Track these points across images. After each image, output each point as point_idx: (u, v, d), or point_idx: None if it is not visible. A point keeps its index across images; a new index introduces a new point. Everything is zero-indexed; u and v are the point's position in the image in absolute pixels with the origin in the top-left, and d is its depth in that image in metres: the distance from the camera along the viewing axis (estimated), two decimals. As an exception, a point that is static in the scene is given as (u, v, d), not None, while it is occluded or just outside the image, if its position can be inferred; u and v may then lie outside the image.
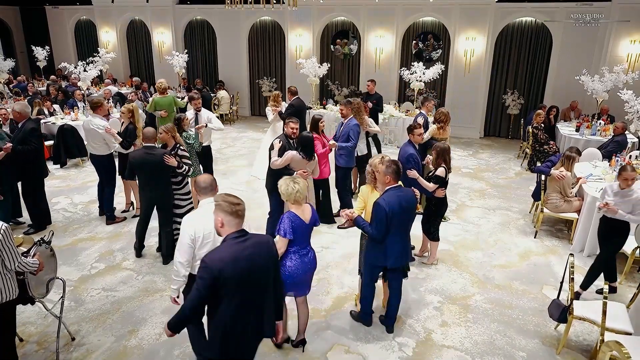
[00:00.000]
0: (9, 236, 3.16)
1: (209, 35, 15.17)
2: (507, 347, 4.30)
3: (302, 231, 3.80)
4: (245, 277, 2.74)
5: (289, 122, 5.72)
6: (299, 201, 3.78)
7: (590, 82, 9.77)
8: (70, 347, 4.19)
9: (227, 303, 2.74)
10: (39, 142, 6.13)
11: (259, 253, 2.83)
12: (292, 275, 3.79)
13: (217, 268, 2.64)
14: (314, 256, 3.98)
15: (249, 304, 2.83)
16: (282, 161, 5.46)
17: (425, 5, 11.89)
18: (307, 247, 3.91)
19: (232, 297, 2.74)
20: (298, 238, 3.78)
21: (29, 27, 18.37)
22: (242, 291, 2.76)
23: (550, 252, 6.15)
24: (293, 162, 5.46)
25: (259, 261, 2.81)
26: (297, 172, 5.39)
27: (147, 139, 5.41)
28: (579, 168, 6.99)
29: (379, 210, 3.93)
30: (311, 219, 3.88)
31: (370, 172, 4.45)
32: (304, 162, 5.49)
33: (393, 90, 12.84)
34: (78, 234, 6.43)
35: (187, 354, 4.13)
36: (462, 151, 11.06)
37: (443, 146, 5.37)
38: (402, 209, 4.00)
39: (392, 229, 3.99)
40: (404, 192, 4.12)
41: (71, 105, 10.49)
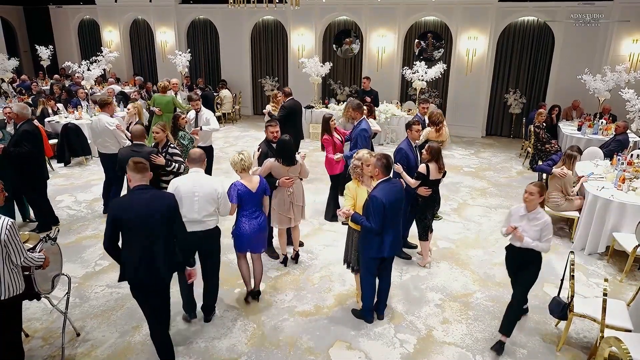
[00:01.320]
0: (15, 231, 3.22)
1: (212, 35, 15.22)
2: (508, 343, 4.32)
3: (249, 198, 4.46)
4: (138, 222, 3.41)
5: (269, 126, 5.33)
6: (245, 170, 4.45)
7: (592, 81, 9.80)
8: (75, 342, 4.24)
9: (125, 239, 3.49)
10: (33, 145, 5.89)
11: (154, 205, 3.47)
12: (244, 234, 4.53)
13: (115, 211, 3.44)
14: (265, 219, 4.66)
15: (142, 243, 3.46)
16: (261, 171, 5.04)
17: (427, 5, 11.92)
18: (256, 212, 4.57)
19: (128, 235, 3.47)
20: (245, 204, 4.48)
21: (32, 26, 18.46)
22: (136, 232, 3.44)
23: (551, 250, 6.11)
24: (273, 170, 5.10)
25: (151, 211, 3.44)
26: (279, 180, 5.10)
27: (135, 137, 5.41)
28: (580, 167, 7.01)
29: (377, 204, 4.04)
30: (259, 188, 4.53)
31: (358, 166, 4.40)
32: (284, 168, 5.09)
33: (395, 89, 12.88)
34: (82, 231, 6.49)
35: (191, 348, 4.19)
36: (463, 150, 11.09)
37: (435, 146, 5.32)
38: (395, 200, 4.18)
39: (387, 220, 4.12)
40: (394, 184, 4.27)
41: (75, 104, 10.54)
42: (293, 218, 5.36)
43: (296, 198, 5.32)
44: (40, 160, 6.30)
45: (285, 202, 5.25)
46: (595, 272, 5.62)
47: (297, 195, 5.33)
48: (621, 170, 6.47)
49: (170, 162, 5.34)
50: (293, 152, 5.22)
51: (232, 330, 4.45)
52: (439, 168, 5.33)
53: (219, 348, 4.21)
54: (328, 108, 11.78)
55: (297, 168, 5.24)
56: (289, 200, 5.25)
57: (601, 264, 5.83)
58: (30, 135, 5.91)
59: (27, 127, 5.95)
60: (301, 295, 5.05)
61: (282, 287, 5.18)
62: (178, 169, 5.34)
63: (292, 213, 5.31)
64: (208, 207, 4.15)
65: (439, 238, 6.40)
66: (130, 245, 3.47)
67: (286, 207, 5.26)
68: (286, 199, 5.24)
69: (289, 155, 5.12)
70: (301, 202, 5.42)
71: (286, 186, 5.17)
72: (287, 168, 5.14)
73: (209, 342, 4.29)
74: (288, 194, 5.23)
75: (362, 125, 6.45)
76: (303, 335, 4.40)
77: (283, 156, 5.10)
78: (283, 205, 5.25)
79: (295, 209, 5.33)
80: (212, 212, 4.19)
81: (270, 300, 4.95)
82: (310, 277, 5.41)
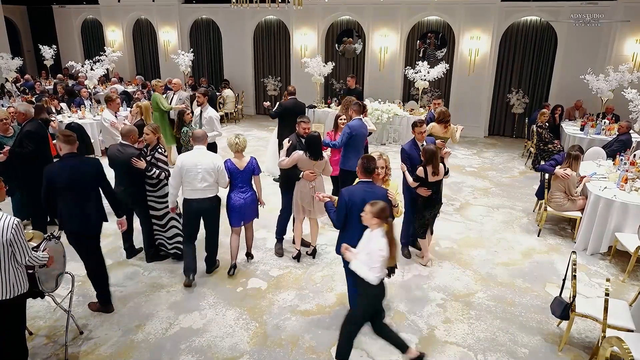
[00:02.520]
0: (20, 231, 3.24)
1: (215, 35, 15.25)
2: (510, 343, 4.34)
3: (237, 175, 5.15)
4: (68, 182, 4.16)
5: (301, 122, 5.60)
6: (239, 152, 5.15)
7: (595, 81, 9.78)
8: (78, 340, 4.26)
9: (61, 198, 4.24)
10: (36, 145, 5.87)
11: (83, 169, 4.25)
12: (235, 207, 5.18)
13: (49, 174, 4.19)
14: (254, 194, 5.29)
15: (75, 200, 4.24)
16: (288, 161, 5.39)
17: (429, 5, 11.92)
18: (244, 188, 5.21)
19: (63, 195, 4.22)
20: (234, 179, 5.17)
21: (36, 26, 18.53)
22: (69, 192, 4.20)
23: (553, 250, 6.18)
24: (300, 163, 5.36)
25: (81, 174, 4.22)
26: (303, 172, 5.35)
27: (123, 136, 5.29)
28: (583, 167, 7.01)
29: (341, 199, 4.13)
30: (247, 167, 5.17)
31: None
32: (310, 162, 5.35)
33: (398, 89, 12.89)
34: (85, 230, 6.50)
35: (193, 347, 4.20)
36: (466, 150, 11.08)
37: (430, 149, 5.23)
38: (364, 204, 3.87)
39: (353, 221, 4.01)
40: (372, 189, 4.11)
41: (78, 103, 10.59)
42: (312, 211, 5.52)
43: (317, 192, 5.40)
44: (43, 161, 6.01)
45: (306, 195, 5.42)
46: (598, 272, 5.61)
47: (319, 190, 5.46)
48: (624, 170, 6.46)
49: (151, 167, 5.15)
50: (321, 147, 5.46)
51: (234, 329, 4.47)
52: (432, 172, 5.21)
53: (221, 347, 4.23)
54: (330, 108, 11.80)
55: (321, 164, 5.46)
56: (310, 193, 5.39)
57: (603, 264, 5.83)
58: (33, 135, 5.90)
59: (29, 126, 5.94)
60: (303, 294, 5.06)
61: (284, 286, 5.20)
62: (158, 175, 5.16)
63: (312, 206, 5.48)
64: (208, 178, 4.91)
65: (441, 238, 6.41)
66: (66, 203, 4.23)
67: (307, 200, 5.44)
68: (308, 192, 5.41)
69: (317, 150, 5.35)
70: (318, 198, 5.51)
71: (309, 179, 5.36)
72: (314, 162, 5.37)
73: (211, 340, 4.31)
74: (310, 187, 5.40)
75: (350, 122, 6.35)
76: (305, 334, 4.42)
77: (311, 150, 5.33)
78: (304, 198, 5.44)
79: (315, 203, 5.43)
80: (211, 183, 4.96)
81: (272, 299, 4.97)
82: (312, 276, 5.42)
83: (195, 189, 4.88)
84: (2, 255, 3.21)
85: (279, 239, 5.95)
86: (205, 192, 4.94)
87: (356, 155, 5.85)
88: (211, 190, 4.99)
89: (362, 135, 6.38)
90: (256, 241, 6.23)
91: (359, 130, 6.26)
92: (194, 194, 4.88)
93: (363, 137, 6.45)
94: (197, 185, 4.86)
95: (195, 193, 4.89)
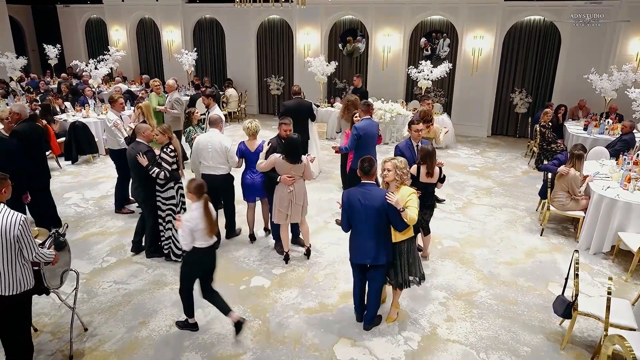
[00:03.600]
0: (27, 227, 3.27)
1: (218, 34, 15.28)
2: (512, 342, 4.35)
3: (248, 156, 5.76)
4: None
5: (282, 124, 5.52)
6: (252, 135, 5.75)
7: (599, 81, 9.76)
8: (83, 337, 4.30)
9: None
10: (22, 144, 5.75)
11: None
12: (247, 184, 5.86)
13: None
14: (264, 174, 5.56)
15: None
16: (266, 164, 5.29)
17: (432, 4, 11.91)
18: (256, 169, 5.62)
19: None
20: (246, 160, 5.82)
21: (40, 25, 18.63)
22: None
23: (556, 249, 6.18)
24: (277, 166, 5.24)
25: None
26: (280, 176, 5.23)
27: (136, 133, 5.52)
28: (586, 166, 7.00)
29: (343, 200, 4.22)
30: (257, 150, 5.68)
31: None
32: (288, 165, 5.20)
33: (400, 88, 12.89)
34: (90, 228, 6.56)
35: (196, 344, 4.23)
36: (469, 149, 11.08)
37: (426, 148, 5.15)
38: (362, 205, 4.05)
39: (353, 223, 4.18)
40: (370, 190, 4.10)
41: (82, 102, 10.64)
42: (290, 216, 5.39)
43: (296, 197, 5.34)
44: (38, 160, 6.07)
45: (284, 199, 5.31)
46: (600, 272, 5.61)
47: (298, 195, 5.35)
48: (627, 169, 6.45)
49: (152, 166, 5.22)
50: (299, 150, 5.27)
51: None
52: (427, 172, 5.08)
53: (224, 344, 4.26)
54: (333, 107, 11.81)
55: (300, 167, 5.28)
56: (288, 198, 5.30)
57: (606, 263, 5.82)
58: (18, 135, 5.82)
59: (18, 126, 5.90)
60: (306, 292, 5.08)
61: (287, 284, 5.22)
62: (157, 174, 5.18)
63: (289, 210, 5.35)
64: (218, 157, 5.65)
65: (443, 237, 6.42)
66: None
67: (285, 204, 5.33)
68: (286, 196, 5.30)
69: (294, 153, 5.19)
70: (301, 202, 5.42)
71: (286, 183, 5.24)
72: (291, 166, 5.21)
73: (214, 337, 4.33)
74: (288, 191, 5.29)
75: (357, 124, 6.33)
76: (308, 332, 4.44)
77: (288, 153, 5.18)
78: (282, 202, 5.33)
79: (293, 207, 5.36)
80: (221, 162, 5.69)
81: (275, 297, 4.99)
82: (315, 274, 5.44)
83: (208, 166, 5.73)
84: (9, 251, 3.25)
85: (277, 238, 5.91)
86: (217, 169, 5.71)
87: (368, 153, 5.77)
88: (222, 169, 5.74)
89: (372, 135, 6.32)
90: (259, 239, 6.27)
91: (368, 130, 6.25)
92: (207, 169, 5.74)
93: (373, 137, 6.36)
94: (209, 162, 5.70)
95: (208, 169, 5.74)
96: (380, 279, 4.33)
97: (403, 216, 4.03)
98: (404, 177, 4.21)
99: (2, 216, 3.23)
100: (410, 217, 4.04)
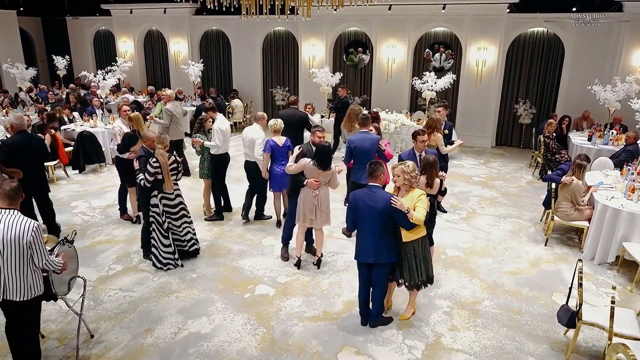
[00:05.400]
0: (40, 234, 3.34)
1: (224, 45, 15.47)
2: (516, 351, 4.35)
3: (277, 150, 6.43)
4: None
5: (316, 131, 5.71)
6: (277, 132, 6.45)
7: (603, 92, 9.79)
8: (89, 343, 4.34)
9: None
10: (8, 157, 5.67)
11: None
12: (276, 175, 6.50)
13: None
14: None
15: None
16: (295, 167, 5.51)
17: (437, 16, 12.02)
18: (284, 161, 6.36)
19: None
20: (275, 154, 6.47)
21: (50, 37, 18.92)
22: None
23: (560, 259, 6.17)
24: (306, 170, 5.44)
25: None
26: (307, 180, 5.41)
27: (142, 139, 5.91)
28: (590, 177, 7.02)
29: (349, 201, 4.50)
30: (284, 144, 6.46)
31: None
32: (317, 171, 5.40)
33: (405, 99, 12.96)
34: (96, 236, 6.62)
35: (201, 352, 4.26)
36: (473, 160, 11.11)
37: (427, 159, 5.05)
38: (367, 207, 4.26)
39: (357, 223, 4.40)
40: (374, 192, 4.30)
41: (90, 112, 10.78)
42: (315, 220, 5.54)
43: (321, 202, 5.47)
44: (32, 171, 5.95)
45: (309, 203, 5.46)
46: (605, 282, 5.60)
47: (322, 200, 5.49)
48: (631, 180, 6.46)
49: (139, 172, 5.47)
50: (330, 158, 5.51)
51: (242, 335, 4.52)
52: (426, 183, 4.90)
53: (229, 351, 4.28)
54: (338, 118, 11.89)
55: (328, 174, 5.48)
56: (313, 202, 5.44)
57: (611, 273, 5.81)
58: (4, 147, 5.84)
59: (9, 138, 5.92)
60: (310, 300, 5.10)
61: (291, 293, 5.25)
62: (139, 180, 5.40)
63: (314, 215, 5.50)
64: (250, 147, 6.73)
65: (447, 246, 6.43)
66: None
67: (309, 208, 5.47)
68: (311, 199, 5.44)
69: (325, 160, 5.41)
70: (325, 208, 5.56)
71: (312, 187, 5.40)
72: (319, 172, 5.40)
73: (219, 345, 4.36)
74: (313, 195, 5.43)
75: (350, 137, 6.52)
76: (312, 340, 4.45)
77: (319, 159, 5.39)
78: (307, 205, 5.47)
79: (318, 212, 5.49)
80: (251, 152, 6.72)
81: (279, 305, 5.02)
82: (319, 283, 5.46)
83: (246, 152, 6.84)
84: (21, 257, 3.31)
85: (285, 244, 6.03)
86: (250, 157, 6.79)
87: (363, 167, 5.74)
88: (252, 157, 6.70)
89: (365, 148, 6.18)
90: (264, 248, 6.31)
91: (359, 144, 6.18)
92: (246, 156, 6.88)
93: (367, 150, 6.17)
94: (246, 150, 6.81)
95: (246, 155, 6.87)
96: (384, 277, 4.47)
97: (409, 217, 4.17)
98: (412, 180, 4.32)
99: (16, 222, 3.30)
100: (416, 217, 4.17)
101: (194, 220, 7.03)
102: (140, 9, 15.79)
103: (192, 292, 5.21)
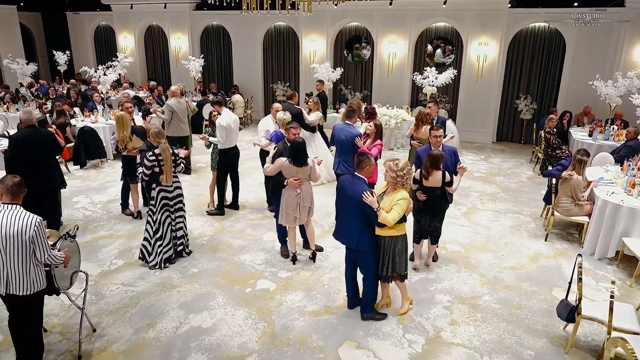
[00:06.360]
0: (42, 229, 3.37)
1: (225, 41, 15.45)
2: (516, 345, 4.37)
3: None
4: None
5: (290, 128, 5.55)
6: (284, 125, 6.24)
7: (604, 87, 9.78)
8: (91, 337, 4.37)
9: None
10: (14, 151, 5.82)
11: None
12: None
13: None
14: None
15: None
16: (272, 168, 5.42)
17: (437, 11, 11.99)
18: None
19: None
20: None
21: (50, 32, 18.91)
22: None
23: (560, 254, 6.19)
24: (284, 169, 5.34)
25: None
26: (287, 180, 5.32)
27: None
28: (591, 172, 7.02)
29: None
30: None
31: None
32: (294, 169, 5.31)
33: (405, 94, 12.95)
34: (98, 231, 6.65)
35: (202, 346, 4.29)
36: (474, 155, 11.11)
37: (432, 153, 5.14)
38: (346, 194, 4.38)
39: (338, 205, 4.61)
40: (354, 182, 4.37)
41: (91, 107, 10.79)
42: (298, 218, 5.48)
43: (303, 199, 5.43)
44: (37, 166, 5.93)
45: (292, 202, 5.39)
46: (605, 277, 5.62)
47: (305, 197, 5.44)
48: (631, 175, 6.47)
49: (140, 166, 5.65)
50: (305, 154, 5.37)
51: (243, 329, 4.55)
52: (423, 175, 5.12)
53: (230, 345, 4.31)
54: (339, 113, 11.88)
55: (307, 170, 5.38)
56: (296, 200, 5.39)
57: (611, 268, 5.83)
58: (12, 141, 5.93)
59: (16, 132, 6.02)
60: (311, 295, 5.13)
61: (292, 288, 5.27)
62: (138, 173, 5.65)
63: (297, 213, 5.45)
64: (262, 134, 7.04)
65: (448, 241, 6.45)
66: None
67: (293, 207, 5.41)
68: (293, 199, 5.38)
69: (300, 156, 5.30)
70: (308, 204, 5.52)
71: (293, 186, 5.33)
72: (297, 169, 5.31)
73: (220, 339, 4.39)
74: (296, 194, 5.37)
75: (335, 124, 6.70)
76: (313, 334, 4.48)
77: (294, 157, 5.29)
78: (290, 205, 5.41)
79: (301, 209, 5.45)
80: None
81: (280, 300, 5.04)
82: (320, 278, 5.49)
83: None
84: (24, 252, 3.34)
85: (283, 242, 6.00)
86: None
87: (339, 157, 6.42)
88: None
89: (340, 139, 6.27)
90: (265, 243, 6.33)
91: (338, 133, 6.35)
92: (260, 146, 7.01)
93: (343, 142, 6.22)
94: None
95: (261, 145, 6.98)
96: (366, 266, 4.55)
97: (378, 214, 4.18)
98: (399, 179, 4.28)
99: (18, 217, 3.32)
100: (384, 218, 4.19)
101: (195, 215, 7.13)
102: (141, 4, 15.75)
103: (194, 287, 5.24)
